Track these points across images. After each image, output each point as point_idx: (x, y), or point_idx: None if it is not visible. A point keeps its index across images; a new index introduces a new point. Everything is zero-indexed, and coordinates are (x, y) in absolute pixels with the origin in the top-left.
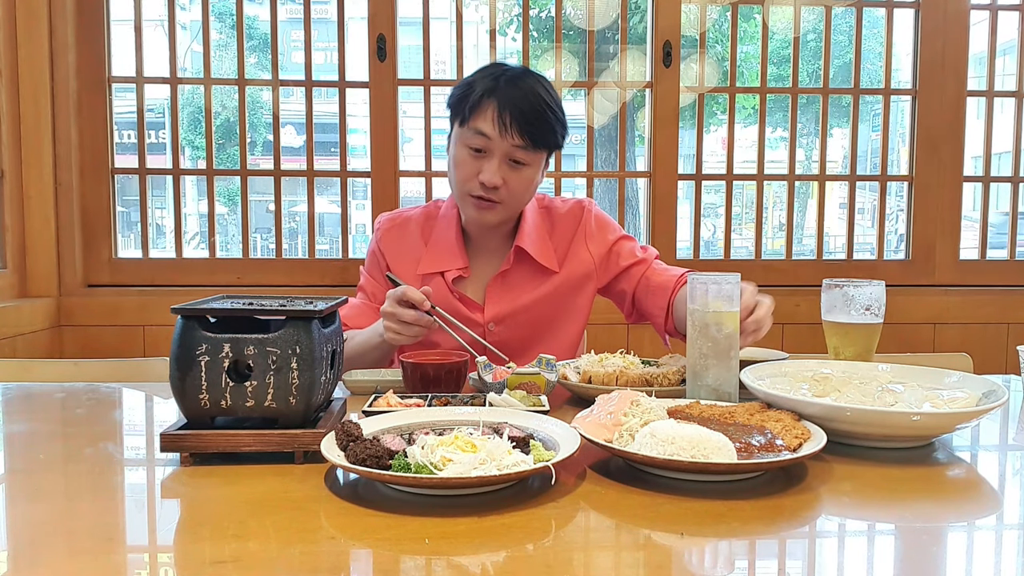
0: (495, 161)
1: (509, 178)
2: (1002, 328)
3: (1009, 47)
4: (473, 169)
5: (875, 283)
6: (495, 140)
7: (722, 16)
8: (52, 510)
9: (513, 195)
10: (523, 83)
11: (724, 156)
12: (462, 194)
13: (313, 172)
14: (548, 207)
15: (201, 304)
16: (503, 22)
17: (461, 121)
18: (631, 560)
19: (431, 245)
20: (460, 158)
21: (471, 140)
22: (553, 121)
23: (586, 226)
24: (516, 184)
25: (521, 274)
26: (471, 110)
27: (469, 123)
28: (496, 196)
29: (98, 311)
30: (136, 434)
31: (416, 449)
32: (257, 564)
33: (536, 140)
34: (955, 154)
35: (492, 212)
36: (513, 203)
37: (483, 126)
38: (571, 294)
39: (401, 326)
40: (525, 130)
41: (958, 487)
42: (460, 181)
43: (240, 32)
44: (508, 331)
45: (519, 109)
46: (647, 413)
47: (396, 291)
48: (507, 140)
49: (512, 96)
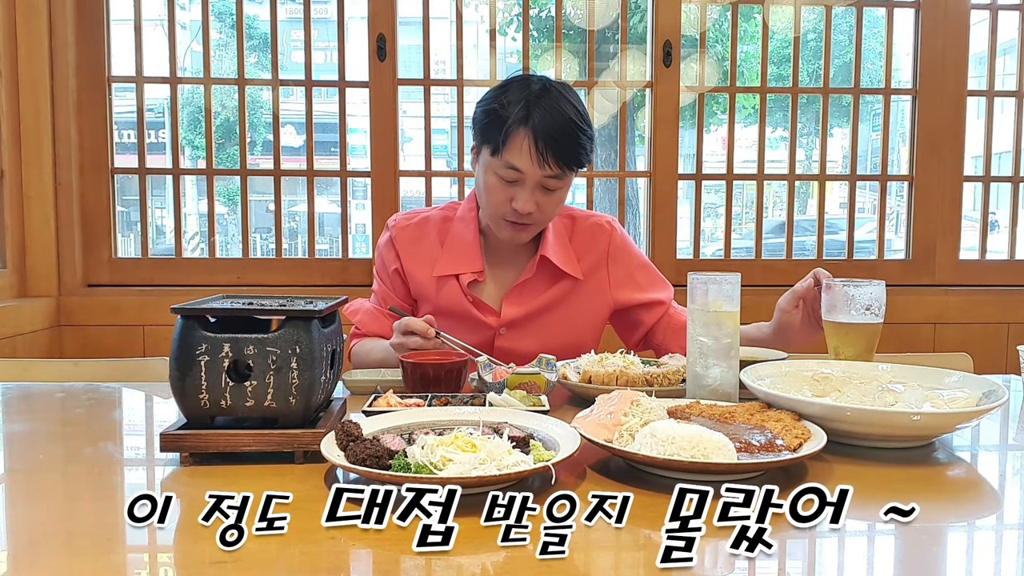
0: (528, 189)
1: (542, 203)
2: (1002, 328)
3: (1009, 47)
4: (506, 196)
5: (875, 283)
6: (528, 171)
7: (722, 16)
8: (52, 510)
9: (545, 215)
10: (555, 107)
11: (724, 156)
12: (494, 217)
13: (313, 172)
14: (572, 216)
15: (201, 304)
16: (503, 22)
17: (493, 151)
18: (631, 560)
19: (447, 247)
20: (492, 185)
21: (505, 173)
22: (585, 141)
23: (609, 246)
24: (548, 206)
25: (540, 281)
26: (504, 141)
27: (503, 155)
28: (529, 220)
29: (98, 311)
30: (136, 434)
31: (416, 449)
32: (257, 564)
33: (570, 165)
34: (955, 154)
35: (526, 232)
36: (545, 221)
37: (518, 161)
38: (585, 308)
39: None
40: (560, 159)
41: (958, 487)
42: (493, 205)
43: (240, 32)
44: (518, 337)
45: (554, 140)
46: (647, 413)
47: (400, 324)
48: (542, 169)
49: (546, 125)
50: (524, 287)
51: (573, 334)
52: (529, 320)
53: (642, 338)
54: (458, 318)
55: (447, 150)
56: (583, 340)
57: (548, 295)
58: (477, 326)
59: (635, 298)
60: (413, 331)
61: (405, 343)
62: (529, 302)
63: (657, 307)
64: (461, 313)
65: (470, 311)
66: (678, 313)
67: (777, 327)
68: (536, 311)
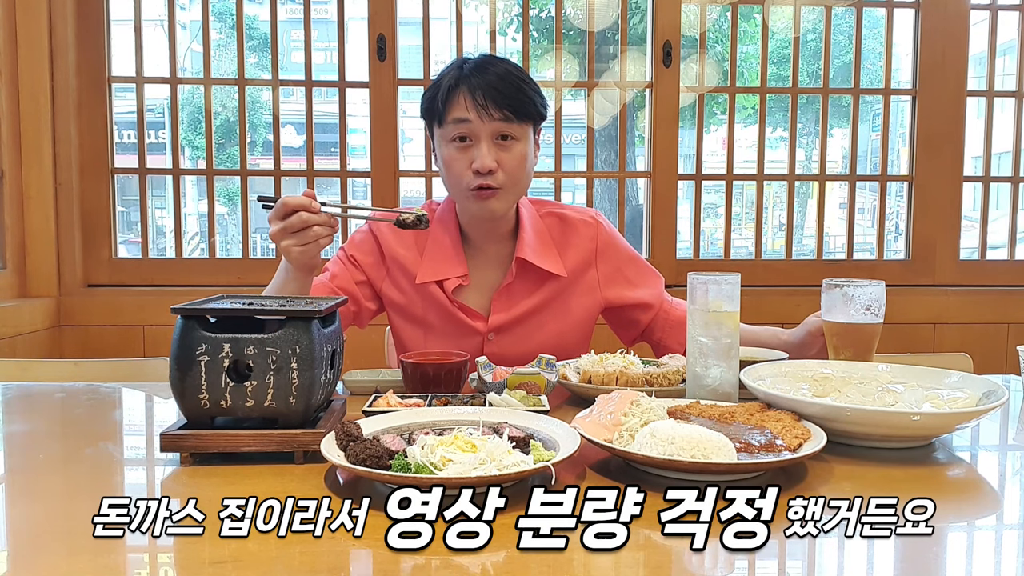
0: (484, 145)
1: (502, 159)
2: (1002, 328)
3: (1009, 47)
4: (465, 161)
5: (875, 283)
6: (476, 123)
7: (722, 16)
8: (52, 510)
9: (511, 176)
10: (488, 65)
11: (724, 156)
12: (461, 192)
13: (313, 172)
14: (555, 214)
15: (201, 304)
16: (503, 22)
17: (439, 121)
18: (631, 560)
19: (428, 252)
20: (449, 156)
21: (453, 131)
22: (528, 91)
23: (596, 242)
24: (510, 163)
25: (526, 283)
26: (444, 104)
27: (446, 118)
28: (494, 181)
29: (98, 311)
30: (136, 434)
31: (416, 449)
32: (257, 564)
33: (517, 111)
34: (955, 154)
35: (495, 199)
36: (512, 186)
37: (460, 113)
38: (575, 307)
39: (296, 237)
40: (503, 103)
41: (958, 487)
42: (455, 178)
43: (240, 32)
44: (507, 341)
45: (491, 86)
46: (647, 413)
47: (274, 208)
48: (488, 118)
49: (480, 78)
50: (510, 290)
51: (563, 334)
52: (517, 323)
53: (639, 336)
54: (445, 326)
55: None
56: (574, 339)
57: (535, 297)
58: (466, 332)
59: (626, 296)
60: (293, 207)
61: (286, 226)
62: (516, 306)
63: (651, 305)
64: (448, 320)
65: (457, 317)
66: (675, 308)
67: (799, 344)
68: (525, 314)
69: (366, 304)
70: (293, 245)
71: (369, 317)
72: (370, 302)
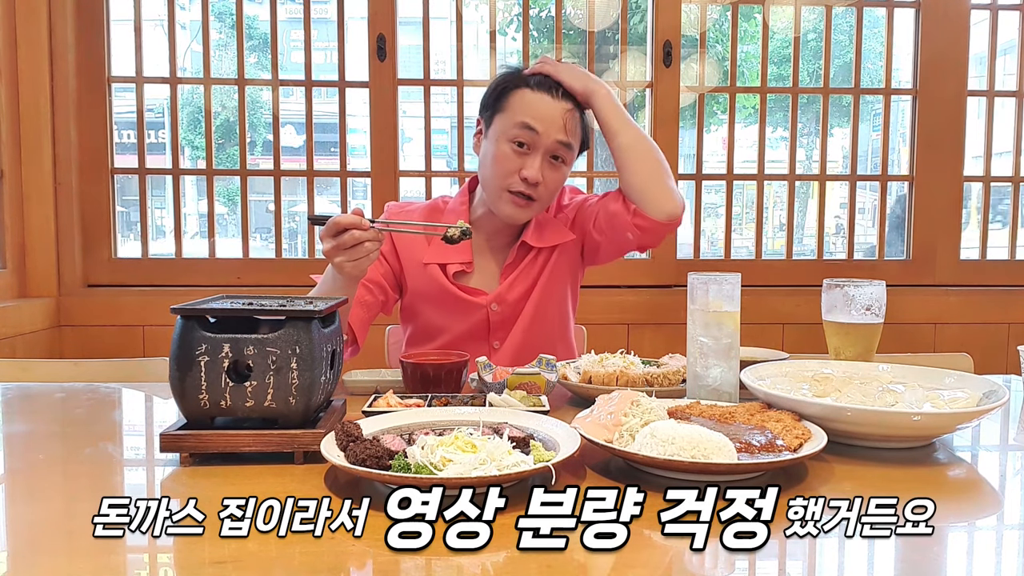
0: (538, 157)
1: (547, 176)
2: (1002, 328)
3: (1009, 47)
4: (515, 165)
5: (875, 283)
6: (544, 137)
7: (722, 16)
8: (52, 510)
9: (549, 193)
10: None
11: (724, 156)
12: (499, 190)
13: (313, 172)
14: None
15: (201, 304)
16: (503, 22)
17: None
18: (631, 560)
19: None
20: (503, 154)
21: (518, 134)
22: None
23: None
24: (552, 182)
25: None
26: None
27: (518, 114)
28: (535, 193)
29: (98, 311)
30: (136, 434)
31: (416, 449)
32: (257, 564)
33: (582, 143)
34: (955, 154)
35: (529, 209)
36: (545, 201)
37: (535, 123)
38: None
39: (348, 253)
40: (574, 131)
41: (958, 487)
42: (500, 175)
43: (240, 32)
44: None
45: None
46: (647, 413)
47: (326, 226)
48: (554, 138)
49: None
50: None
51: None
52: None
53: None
54: (445, 302)
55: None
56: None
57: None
58: (466, 305)
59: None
60: (345, 227)
61: (338, 243)
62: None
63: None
64: (447, 296)
65: (456, 294)
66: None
67: None
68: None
69: (392, 294)
70: (346, 261)
71: (394, 303)
72: (394, 291)
